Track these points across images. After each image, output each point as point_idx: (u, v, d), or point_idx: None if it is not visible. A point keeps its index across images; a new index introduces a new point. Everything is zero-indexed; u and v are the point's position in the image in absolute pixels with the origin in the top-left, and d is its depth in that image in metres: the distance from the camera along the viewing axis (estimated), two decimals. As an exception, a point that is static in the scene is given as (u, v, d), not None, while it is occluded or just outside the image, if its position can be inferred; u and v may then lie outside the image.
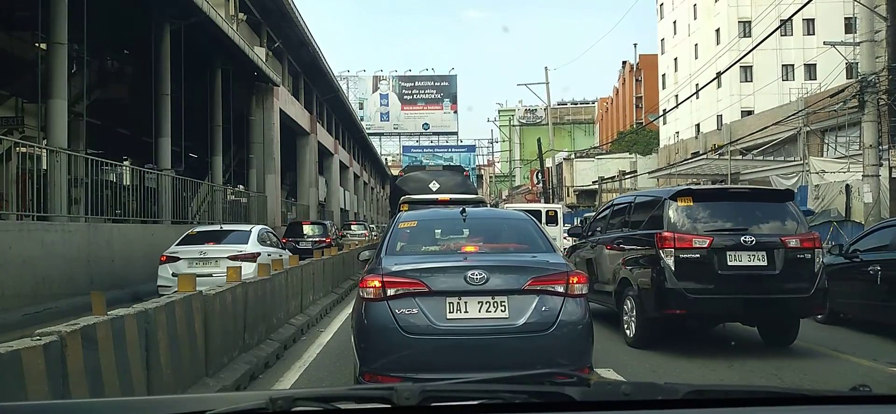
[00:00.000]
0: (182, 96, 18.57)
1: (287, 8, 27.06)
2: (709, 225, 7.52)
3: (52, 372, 3.32)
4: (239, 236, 12.96)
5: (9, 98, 19.98)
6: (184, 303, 5.12)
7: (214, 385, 5.39)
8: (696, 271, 7.28)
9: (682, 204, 7.67)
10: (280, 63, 30.67)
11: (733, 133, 34.31)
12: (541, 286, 4.84)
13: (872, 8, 15.91)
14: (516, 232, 5.94)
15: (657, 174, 38.10)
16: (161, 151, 17.62)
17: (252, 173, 26.09)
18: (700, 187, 11.65)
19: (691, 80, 41.47)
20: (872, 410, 1.79)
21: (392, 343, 4.71)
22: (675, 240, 7.37)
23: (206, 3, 17.05)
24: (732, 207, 7.95)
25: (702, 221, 7.61)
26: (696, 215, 7.65)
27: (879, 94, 15.62)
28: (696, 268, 7.29)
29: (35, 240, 10.59)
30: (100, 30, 16.59)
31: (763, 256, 7.22)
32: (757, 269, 7.22)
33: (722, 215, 7.70)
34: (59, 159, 12.29)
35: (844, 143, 24.93)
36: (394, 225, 6.00)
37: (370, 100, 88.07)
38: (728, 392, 1.95)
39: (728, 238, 7.29)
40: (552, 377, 2.12)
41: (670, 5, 53.92)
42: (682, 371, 6.66)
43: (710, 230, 7.43)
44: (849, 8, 33.81)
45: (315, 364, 7.15)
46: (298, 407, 1.62)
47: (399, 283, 4.82)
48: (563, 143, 74.68)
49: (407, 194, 14.06)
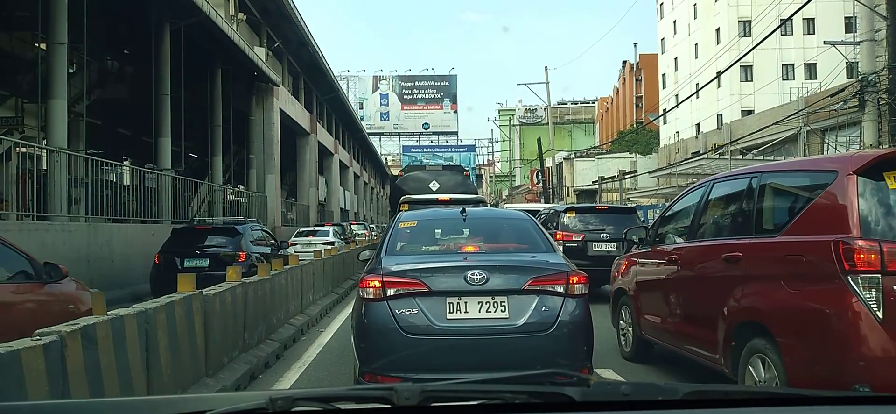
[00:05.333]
0: (182, 96, 18.58)
1: (287, 8, 27.07)
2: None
3: (52, 372, 3.32)
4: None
5: (9, 98, 20.01)
6: (184, 303, 5.12)
7: (214, 385, 5.39)
8: None
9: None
10: (280, 63, 30.68)
11: (733, 133, 34.33)
12: (541, 286, 4.84)
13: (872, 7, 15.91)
14: (516, 232, 5.93)
15: (657, 174, 38.12)
16: (161, 151, 17.63)
17: (252, 173, 26.10)
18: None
19: (691, 80, 41.44)
20: (872, 410, 1.79)
21: (392, 343, 4.71)
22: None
23: (206, 3, 17.06)
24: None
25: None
26: None
27: (880, 94, 15.63)
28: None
29: (35, 240, 10.58)
30: (100, 30, 16.61)
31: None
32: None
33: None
34: (59, 159, 12.29)
35: (845, 143, 24.91)
36: (394, 225, 5.99)
37: (370, 100, 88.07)
38: (728, 392, 1.95)
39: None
40: (552, 377, 2.12)
41: (670, 5, 53.91)
42: (682, 371, 6.65)
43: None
44: (849, 7, 33.83)
45: (315, 364, 7.15)
46: (298, 407, 1.62)
47: (399, 283, 4.82)
48: (563, 143, 74.69)
49: (407, 194, 14.04)
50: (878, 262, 3.68)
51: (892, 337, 3.63)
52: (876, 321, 3.66)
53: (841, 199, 3.97)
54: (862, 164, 3.99)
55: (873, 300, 3.67)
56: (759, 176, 4.98)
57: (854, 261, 3.74)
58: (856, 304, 3.71)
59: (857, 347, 3.71)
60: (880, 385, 3.57)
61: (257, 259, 11.46)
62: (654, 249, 6.44)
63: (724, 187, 5.66)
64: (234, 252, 12.04)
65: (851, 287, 3.74)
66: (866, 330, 3.69)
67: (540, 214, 13.99)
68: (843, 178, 4.00)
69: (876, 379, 3.59)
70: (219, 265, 10.98)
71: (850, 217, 3.86)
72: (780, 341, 4.17)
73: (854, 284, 3.73)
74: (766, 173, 5.00)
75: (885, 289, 3.64)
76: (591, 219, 12.49)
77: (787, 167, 5.61)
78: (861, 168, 3.95)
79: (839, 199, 3.99)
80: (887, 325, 3.62)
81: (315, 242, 21.15)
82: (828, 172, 4.23)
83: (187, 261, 11.80)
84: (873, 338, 3.67)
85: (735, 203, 5.28)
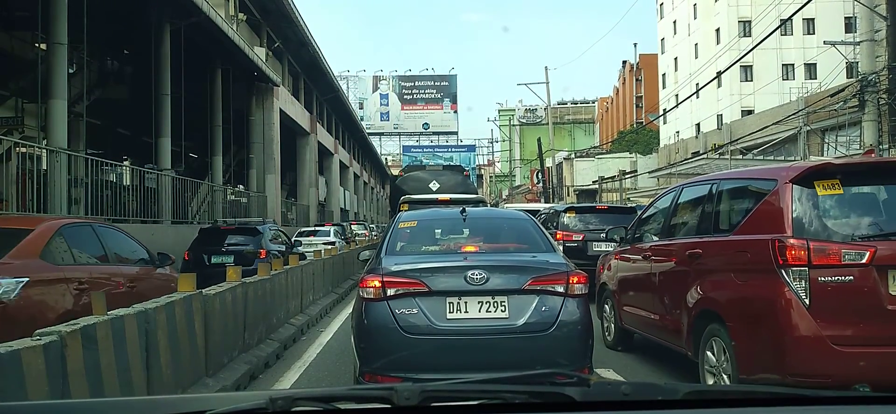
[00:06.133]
0: (182, 96, 18.57)
1: (287, 8, 27.07)
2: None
3: (52, 372, 3.32)
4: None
5: (9, 98, 19.99)
6: (184, 303, 5.12)
7: (214, 385, 5.39)
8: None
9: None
10: (280, 63, 30.68)
11: (733, 133, 34.32)
12: (541, 286, 4.84)
13: (872, 7, 15.91)
14: (516, 232, 5.93)
15: (657, 174, 38.10)
16: (161, 151, 17.63)
17: (252, 173, 26.10)
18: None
19: (691, 80, 41.45)
20: (872, 410, 1.79)
21: (392, 343, 4.71)
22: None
23: (206, 3, 17.06)
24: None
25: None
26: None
27: (879, 94, 15.63)
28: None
29: (35, 240, 10.56)
30: (100, 30, 16.59)
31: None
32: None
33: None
34: (59, 159, 12.29)
35: (844, 143, 24.91)
36: (394, 225, 5.99)
37: (370, 100, 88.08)
38: (728, 392, 1.95)
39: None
40: (552, 377, 2.12)
41: (670, 5, 53.91)
42: (682, 371, 6.65)
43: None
44: (849, 7, 33.83)
45: (315, 364, 7.15)
46: (298, 407, 1.62)
47: (399, 283, 4.82)
48: (563, 143, 74.70)
49: (407, 194, 14.04)
50: (806, 257, 4.30)
51: (816, 319, 4.27)
52: (804, 307, 4.30)
53: (779, 203, 4.58)
54: (796, 174, 4.59)
55: (802, 289, 4.31)
56: (718, 183, 5.70)
57: (786, 256, 4.37)
58: (787, 292, 4.34)
59: (788, 328, 4.33)
60: (806, 357, 4.28)
61: (274, 255, 11.98)
62: (632, 247, 7.02)
63: (691, 192, 6.30)
64: (256, 249, 13.06)
65: (784, 278, 4.36)
66: (796, 314, 4.31)
67: (540, 214, 14.02)
68: (781, 186, 4.61)
69: (802, 353, 4.29)
70: (243, 261, 11.68)
71: (785, 219, 4.48)
72: (730, 325, 4.80)
73: (786, 276, 4.35)
74: (724, 180, 5.76)
75: (812, 280, 4.28)
76: (591, 219, 12.51)
77: (740, 175, 6.22)
78: (796, 177, 4.56)
79: (777, 203, 4.60)
80: (813, 309, 4.28)
81: (316, 241, 21.54)
82: (770, 181, 4.84)
83: (214, 258, 12.90)
84: (801, 321, 4.29)
85: (699, 206, 5.91)
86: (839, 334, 4.24)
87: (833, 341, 4.22)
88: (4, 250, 5.60)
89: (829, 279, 4.27)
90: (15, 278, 5.23)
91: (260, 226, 14.23)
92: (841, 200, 4.52)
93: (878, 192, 4.67)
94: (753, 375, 4.57)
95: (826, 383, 4.17)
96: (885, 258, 4.25)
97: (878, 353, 4.21)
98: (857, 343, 4.24)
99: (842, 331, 4.25)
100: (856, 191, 4.64)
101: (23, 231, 6.01)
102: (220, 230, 14.22)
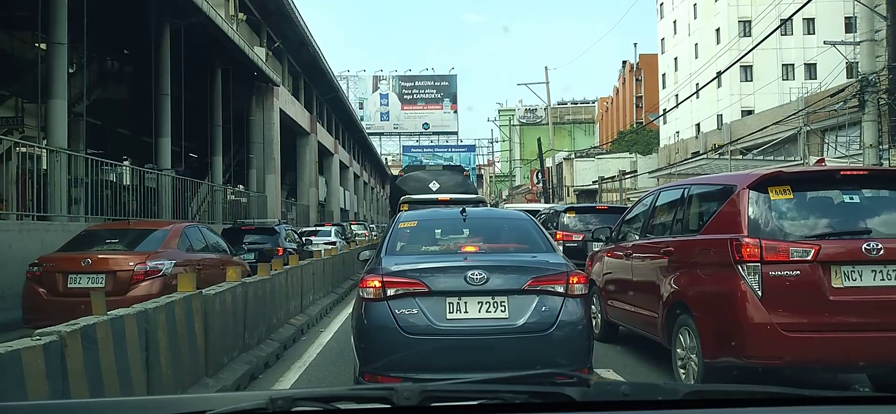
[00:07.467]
0: (182, 96, 18.57)
1: (287, 8, 27.07)
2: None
3: (52, 372, 3.32)
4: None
5: (9, 98, 19.99)
6: (184, 303, 5.12)
7: (214, 385, 5.39)
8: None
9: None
10: (280, 63, 30.68)
11: (733, 133, 34.33)
12: (541, 286, 4.84)
13: (872, 7, 15.91)
14: (516, 232, 5.93)
15: (657, 174, 38.10)
16: (161, 151, 17.63)
17: (252, 173, 26.10)
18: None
19: (691, 80, 41.44)
20: (872, 410, 1.79)
21: (392, 343, 4.71)
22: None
23: (206, 3, 17.06)
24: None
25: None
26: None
27: (880, 94, 15.63)
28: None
29: (35, 240, 10.57)
30: (100, 30, 16.59)
31: None
32: None
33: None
34: (59, 159, 12.29)
35: (844, 143, 24.93)
36: (394, 225, 5.99)
37: (370, 100, 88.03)
38: (728, 392, 1.95)
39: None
40: (552, 377, 2.12)
41: (670, 5, 53.89)
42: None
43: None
44: (849, 7, 33.81)
45: (315, 364, 7.15)
46: (298, 407, 1.62)
47: (399, 283, 4.82)
48: (563, 143, 74.68)
49: (407, 194, 14.04)
50: (759, 254, 4.83)
51: (767, 309, 4.80)
52: (757, 298, 4.82)
53: (737, 207, 5.12)
54: (752, 180, 5.14)
55: (755, 283, 4.84)
56: (689, 187, 6.30)
57: (742, 254, 4.89)
58: (743, 285, 4.87)
59: (744, 317, 4.87)
60: (759, 342, 4.80)
61: (289, 253, 12.76)
62: (616, 246, 7.54)
63: (667, 195, 6.89)
64: (274, 247, 14.06)
65: (740, 273, 4.90)
66: (750, 305, 4.85)
67: (540, 214, 14.03)
68: (739, 191, 5.17)
69: (755, 338, 4.83)
70: (263, 258, 12.15)
71: (742, 221, 5.02)
72: (696, 315, 5.36)
73: (742, 271, 4.89)
74: (694, 185, 6.34)
75: (763, 274, 4.81)
76: (591, 219, 12.55)
77: (707, 181, 6.77)
78: (752, 184, 5.10)
79: (736, 207, 5.14)
80: (765, 300, 4.81)
81: (317, 241, 21.72)
82: (731, 187, 5.39)
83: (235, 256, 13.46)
84: (755, 310, 4.83)
85: (673, 208, 6.51)
86: (788, 322, 4.75)
87: (783, 328, 4.74)
88: (152, 244, 8.53)
89: (779, 274, 4.79)
90: (171, 260, 8.21)
91: (277, 226, 15.69)
92: (792, 204, 5.03)
93: (826, 197, 5.19)
94: (716, 359, 5.08)
95: (777, 365, 4.83)
96: (829, 255, 4.77)
97: (822, 338, 4.76)
98: (804, 329, 4.77)
99: (790, 319, 4.76)
100: (806, 196, 5.13)
101: (159, 230, 9.14)
102: (240, 230, 15.25)
